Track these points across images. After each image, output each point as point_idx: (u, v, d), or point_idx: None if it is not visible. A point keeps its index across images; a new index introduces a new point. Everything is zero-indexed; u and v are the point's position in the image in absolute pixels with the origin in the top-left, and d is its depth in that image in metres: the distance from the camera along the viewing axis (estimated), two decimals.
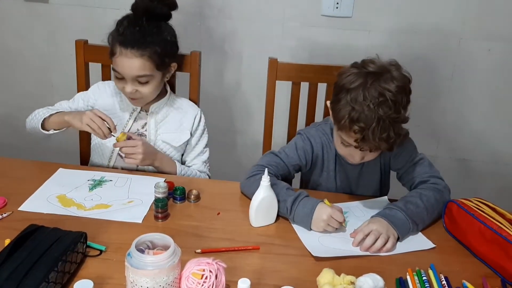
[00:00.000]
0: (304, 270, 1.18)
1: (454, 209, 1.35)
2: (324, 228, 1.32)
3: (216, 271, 1.02)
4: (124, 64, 1.53)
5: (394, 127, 1.29)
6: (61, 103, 1.71)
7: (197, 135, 1.71)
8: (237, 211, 1.40)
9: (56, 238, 1.08)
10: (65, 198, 1.40)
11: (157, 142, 1.67)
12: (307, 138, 1.54)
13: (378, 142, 1.30)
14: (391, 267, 1.21)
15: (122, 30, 1.54)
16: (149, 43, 1.52)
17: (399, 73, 1.34)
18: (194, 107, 1.74)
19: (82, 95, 1.72)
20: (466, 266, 1.24)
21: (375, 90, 1.29)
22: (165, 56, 1.58)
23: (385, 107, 1.28)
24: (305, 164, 1.55)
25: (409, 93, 1.36)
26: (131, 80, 1.55)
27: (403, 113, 1.32)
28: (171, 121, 1.69)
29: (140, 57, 1.52)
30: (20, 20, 2.36)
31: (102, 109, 1.64)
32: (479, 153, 2.39)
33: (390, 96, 1.28)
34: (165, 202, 1.33)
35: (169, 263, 0.98)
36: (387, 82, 1.30)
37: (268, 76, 1.76)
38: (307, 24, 2.24)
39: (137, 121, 1.68)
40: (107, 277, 1.10)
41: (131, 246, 0.99)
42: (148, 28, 1.54)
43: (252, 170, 1.48)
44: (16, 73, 2.47)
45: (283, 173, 1.52)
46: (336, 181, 1.57)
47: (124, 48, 1.52)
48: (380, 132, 1.28)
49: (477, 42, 2.19)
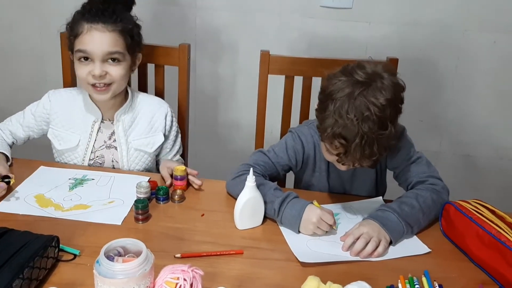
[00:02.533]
0: (289, 276, 1.12)
1: (451, 211, 1.27)
2: (314, 231, 1.26)
3: (192, 280, 0.96)
4: (95, 39, 1.41)
5: (379, 143, 1.21)
6: (11, 118, 1.61)
7: (172, 136, 1.62)
8: (222, 212, 1.33)
9: (25, 243, 1.03)
10: (43, 198, 1.34)
11: (130, 152, 1.56)
12: (298, 137, 1.47)
13: (359, 159, 1.23)
14: (382, 274, 1.14)
15: (88, 7, 1.45)
16: (120, 18, 1.44)
17: (390, 81, 1.24)
18: (162, 104, 1.61)
19: (33, 109, 1.58)
20: (463, 272, 1.17)
21: (360, 103, 1.19)
22: (134, 38, 1.49)
23: (370, 123, 1.19)
24: (295, 164, 1.48)
25: (400, 103, 1.27)
26: (101, 60, 1.42)
27: (390, 128, 1.22)
28: (140, 125, 1.57)
29: (112, 31, 1.42)
30: (11, 12, 2.31)
31: (59, 124, 1.55)
32: (484, 148, 2.31)
33: (376, 111, 1.19)
34: (145, 203, 1.27)
35: (140, 271, 0.92)
36: (375, 93, 1.21)
37: (260, 70, 1.70)
38: (305, 16, 2.17)
39: (102, 131, 1.56)
40: (79, 283, 1.04)
41: (100, 253, 0.94)
42: (117, 6, 1.47)
43: (238, 169, 1.42)
44: (9, 66, 2.44)
45: (271, 173, 1.45)
46: (329, 181, 1.51)
47: (95, 23, 1.41)
48: (363, 149, 1.20)
49: (482, 34, 2.11)
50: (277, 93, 1.77)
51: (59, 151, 1.57)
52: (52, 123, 1.56)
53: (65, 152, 1.56)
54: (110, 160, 1.57)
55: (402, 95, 1.28)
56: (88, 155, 1.55)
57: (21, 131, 1.58)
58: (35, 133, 1.60)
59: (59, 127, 1.56)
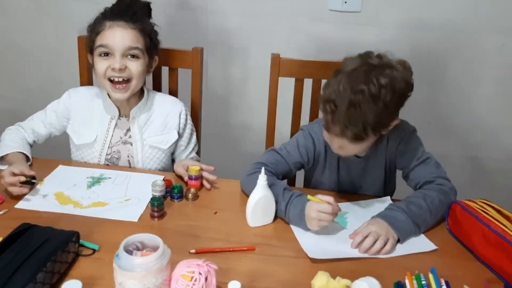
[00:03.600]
0: (299, 272, 1.16)
1: (457, 210, 1.30)
2: (319, 225, 1.27)
3: (206, 273, 1.00)
4: (116, 35, 1.48)
5: (366, 119, 1.25)
6: (32, 117, 1.65)
7: (186, 134, 1.67)
8: (234, 211, 1.37)
9: (47, 237, 1.08)
10: (63, 196, 1.39)
11: (144, 148, 1.61)
12: (309, 134, 1.50)
13: (343, 128, 1.27)
14: (390, 270, 1.17)
15: (110, 10, 1.53)
16: (140, 19, 1.53)
17: (401, 74, 1.28)
18: (177, 103, 1.66)
19: (54, 106, 1.64)
20: (468, 270, 1.20)
21: (361, 77, 1.25)
22: (152, 40, 1.56)
23: (361, 96, 1.24)
24: (307, 161, 1.51)
25: (403, 97, 1.31)
26: (121, 54, 1.49)
27: (382, 111, 1.26)
28: (155, 123, 1.62)
29: (133, 29, 1.50)
30: (28, 15, 2.37)
31: (78, 120, 1.60)
32: (491, 150, 2.32)
33: (373, 89, 1.24)
34: (161, 201, 1.32)
35: (157, 265, 0.96)
36: (379, 76, 1.26)
37: (271, 72, 1.74)
38: (314, 19, 2.20)
39: (119, 128, 1.61)
40: (98, 277, 1.09)
41: (120, 247, 0.98)
42: (137, 9, 1.55)
43: (252, 167, 1.46)
44: (24, 69, 2.48)
45: (283, 171, 1.49)
46: (339, 179, 1.54)
47: (117, 20, 1.49)
48: (349, 118, 1.24)
49: (489, 37, 2.12)
50: (287, 96, 1.81)
51: (77, 146, 1.62)
52: (71, 119, 1.62)
53: (82, 147, 1.62)
54: (126, 155, 1.62)
55: (408, 92, 1.31)
56: (105, 151, 1.61)
57: (43, 129, 1.63)
58: (56, 130, 1.65)
59: (78, 123, 1.61)
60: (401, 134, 1.47)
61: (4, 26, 2.41)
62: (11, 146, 1.52)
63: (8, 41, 2.44)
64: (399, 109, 1.34)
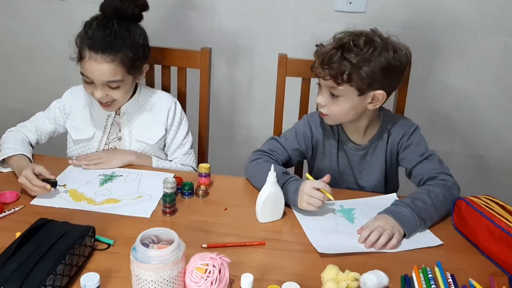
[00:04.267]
0: (309, 266, 1.19)
1: (462, 206, 1.33)
2: (307, 201, 1.33)
3: (220, 266, 1.03)
4: (94, 69, 1.47)
5: (349, 63, 1.35)
6: (35, 116, 1.68)
7: (173, 129, 1.67)
8: (244, 207, 1.41)
9: (65, 232, 1.11)
10: (76, 193, 1.43)
11: (132, 143, 1.64)
12: (308, 122, 1.57)
13: (325, 66, 1.39)
14: (397, 264, 1.20)
15: (91, 33, 1.48)
16: (120, 48, 1.47)
17: (393, 48, 1.39)
18: (168, 99, 1.68)
19: (57, 103, 1.67)
20: (473, 264, 1.23)
21: (356, 36, 1.38)
22: (136, 60, 1.53)
23: (350, 45, 1.36)
24: (305, 148, 1.57)
25: (389, 68, 1.38)
26: (101, 85, 1.50)
27: (365, 65, 1.36)
28: (144, 119, 1.64)
29: (111, 62, 1.47)
30: (36, 17, 2.40)
31: (78, 116, 1.64)
32: (495, 149, 2.35)
33: (360, 43, 1.36)
34: (173, 197, 1.35)
35: (173, 258, 0.99)
36: (375, 44, 1.37)
37: (278, 72, 1.77)
38: (320, 20, 2.22)
39: (114, 125, 1.65)
40: (114, 270, 1.12)
41: (136, 240, 1.01)
42: (119, 31, 1.49)
43: (253, 155, 1.53)
44: (33, 69, 2.52)
45: (283, 158, 1.55)
46: (339, 167, 1.58)
47: (94, 52, 1.46)
48: (332, 58, 1.37)
49: (493, 37, 2.15)
50: (293, 95, 1.84)
51: (75, 141, 1.66)
52: (71, 115, 1.65)
53: (80, 142, 1.65)
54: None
55: (398, 67, 1.41)
56: (102, 147, 1.65)
57: (49, 125, 1.66)
58: (60, 127, 1.68)
59: (77, 118, 1.65)
60: (404, 128, 1.52)
61: (13, 27, 2.44)
62: (12, 149, 1.52)
63: (17, 42, 2.47)
64: (385, 82, 1.40)
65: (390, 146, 1.53)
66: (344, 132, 1.55)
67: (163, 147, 1.71)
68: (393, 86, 1.46)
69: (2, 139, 1.60)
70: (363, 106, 1.43)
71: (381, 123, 1.53)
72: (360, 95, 1.40)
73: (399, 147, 1.53)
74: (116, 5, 1.50)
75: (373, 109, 1.46)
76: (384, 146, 1.53)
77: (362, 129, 1.53)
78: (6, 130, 1.67)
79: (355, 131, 1.54)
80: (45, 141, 1.69)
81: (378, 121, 1.54)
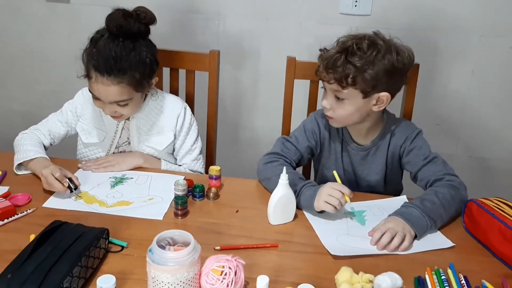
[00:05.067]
0: (323, 268, 1.19)
1: (474, 208, 1.34)
2: (326, 200, 1.34)
3: (235, 268, 1.04)
4: (101, 91, 1.47)
5: (353, 66, 1.37)
6: (47, 119, 1.68)
7: (182, 135, 1.67)
8: (255, 209, 1.41)
9: (80, 234, 1.11)
10: (88, 195, 1.43)
11: (141, 148, 1.64)
12: (315, 119, 1.60)
13: (330, 70, 1.40)
14: (410, 266, 1.21)
15: (97, 55, 1.44)
16: (127, 69, 1.45)
17: (398, 57, 1.40)
18: (178, 105, 1.67)
19: (69, 106, 1.66)
20: (485, 266, 1.23)
21: (359, 40, 1.39)
22: (143, 79, 1.51)
23: (354, 49, 1.37)
24: (314, 145, 1.60)
25: (393, 70, 1.39)
26: (110, 104, 1.50)
27: (369, 68, 1.37)
28: (153, 124, 1.64)
29: (118, 84, 1.45)
30: (41, 20, 2.41)
31: (88, 119, 1.63)
32: (499, 151, 2.36)
33: (364, 46, 1.37)
34: (184, 200, 1.35)
35: (190, 260, 1.00)
36: (375, 39, 1.39)
37: (286, 75, 1.77)
38: (325, 23, 2.24)
39: (125, 129, 1.65)
40: (129, 272, 1.12)
41: (153, 242, 1.01)
42: (125, 51, 1.45)
43: (266, 158, 1.55)
44: (38, 72, 2.52)
45: (296, 158, 1.58)
46: (343, 165, 1.60)
47: (100, 75, 1.43)
48: (336, 62, 1.38)
49: (497, 39, 2.16)
50: (300, 98, 1.84)
51: (85, 144, 1.66)
52: (82, 117, 1.65)
53: (90, 145, 1.66)
54: None
55: (401, 69, 1.42)
56: (112, 151, 1.66)
57: (61, 128, 1.66)
58: (72, 129, 1.68)
59: (88, 122, 1.65)
60: (407, 132, 1.53)
61: (19, 30, 2.44)
62: (34, 151, 1.52)
63: (22, 45, 2.47)
64: (389, 84, 1.41)
65: (392, 149, 1.55)
66: (348, 132, 1.57)
67: (172, 151, 1.71)
68: (397, 87, 1.48)
69: (16, 141, 1.60)
70: (368, 108, 1.45)
71: (384, 126, 1.55)
72: (364, 97, 1.41)
73: (401, 151, 1.54)
74: (121, 23, 1.46)
75: (377, 111, 1.47)
76: (386, 148, 1.55)
77: (365, 131, 1.54)
78: (11, 133, 1.67)
79: (358, 132, 1.56)
80: (58, 143, 1.69)
81: (381, 123, 1.55)
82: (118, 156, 1.62)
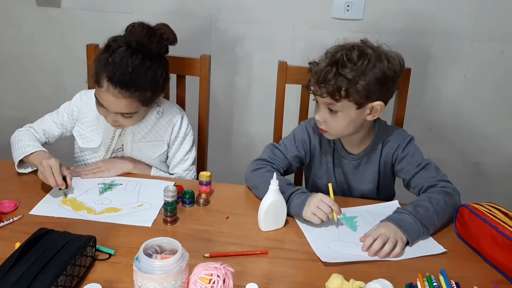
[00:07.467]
0: (313, 275, 1.18)
1: (465, 214, 1.33)
2: (313, 211, 1.32)
3: (224, 276, 1.02)
4: (110, 101, 1.46)
5: (345, 78, 1.34)
6: (43, 119, 1.66)
7: (176, 144, 1.65)
8: (246, 215, 1.39)
9: (66, 242, 1.09)
10: (76, 202, 1.41)
11: (134, 154, 1.63)
12: (306, 128, 1.58)
13: (322, 85, 1.37)
14: (401, 273, 1.20)
15: (113, 66, 1.43)
16: (140, 87, 1.45)
17: (389, 64, 1.38)
18: (175, 114, 1.65)
19: (66, 108, 1.65)
20: (477, 272, 1.22)
21: (348, 51, 1.37)
22: (154, 97, 1.52)
23: (344, 61, 1.35)
24: (304, 155, 1.58)
25: (384, 79, 1.38)
26: (114, 114, 1.49)
27: (360, 79, 1.35)
28: (148, 132, 1.63)
29: (128, 98, 1.45)
30: (32, 24, 2.39)
31: (85, 123, 1.62)
32: (492, 156, 2.36)
33: (354, 57, 1.35)
34: (174, 206, 1.33)
35: (177, 268, 0.98)
36: (364, 49, 1.37)
37: (278, 80, 1.76)
38: (317, 27, 2.23)
39: (121, 136, 1.64)
40: (116, 281, 1.10)
41: (139, 251, 1.00)
42: (141, 69, 1.44)
43: (254, 164, 1.53)
44: (29, 76, 2.50)
45: (284, 166, 1.56)
46: (335, 175, 1.58)
47: (113, 86, 1.42)
48: (327, 76, 1.35)
49: (490, 44, 2.16)
50: (291, 102, 1.83)
51: (81, 148, 1.65)
52: (79, 121, 1.64)
53: (86, 150, 1.65)
54: None
55: (392, 75, 1.40)
56: (108, 156, 1.64)
57: (56, 129, 1.65)
58: (67, 131, 1.66)
59: (85, 126, 1.64)
60: (398, 140, 1.52)
61: (9, 35, 2.42)
62: (33, 146, 1.51)
63: (14, 50, 2.45)
64: (381, 92, 1.40)
65: (384, 157, 1.53)
66: (340, 141, 1.55)
67: (165, 160, 1.69)
68: (390, 95, 1.47)
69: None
70: (362, 118, 1.44)
71: (376, 134, 1.53)
72: (358, 108, 1.40)
73: (393, 158, 1.53)
74: (143, 41, 1.45)
75: (371, 120, 1.46)
76: (378, 156, 1.54)
77: (357, 140, 1.53)
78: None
79: (351, 142, 1.54)
80: (53, 143, 1.67)
81: (373, 131, 1.54)
82: (108, 162, 1.60)
